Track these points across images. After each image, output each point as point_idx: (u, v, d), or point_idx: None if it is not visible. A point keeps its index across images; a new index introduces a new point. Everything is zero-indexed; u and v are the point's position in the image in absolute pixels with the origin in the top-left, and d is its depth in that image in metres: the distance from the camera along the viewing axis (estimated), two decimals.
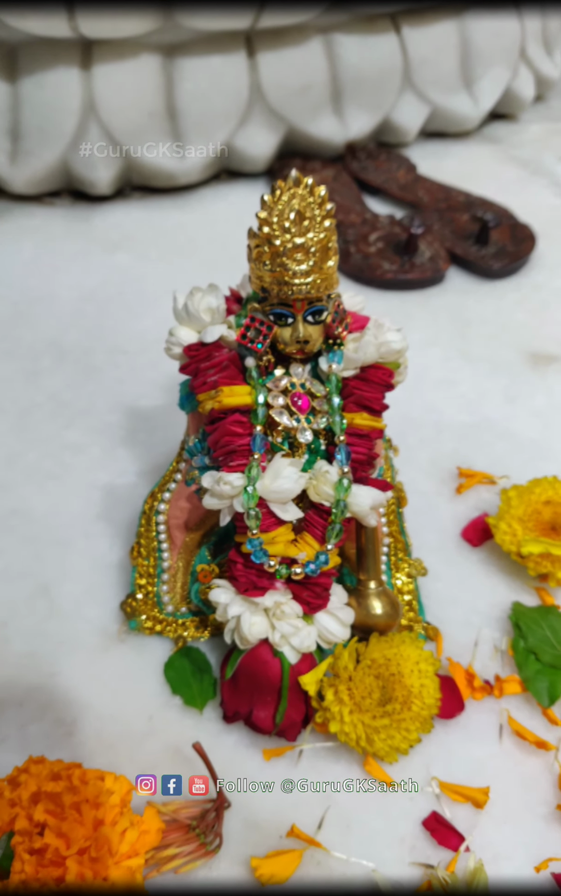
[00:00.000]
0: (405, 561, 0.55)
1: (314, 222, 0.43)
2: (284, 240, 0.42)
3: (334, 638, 0.47)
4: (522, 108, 1.13)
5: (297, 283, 0.43)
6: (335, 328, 0.46)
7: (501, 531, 0.58)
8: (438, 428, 0.68)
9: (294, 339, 0.45)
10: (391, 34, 0.97)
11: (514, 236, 0.87)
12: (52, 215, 0.89)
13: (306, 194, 0.42)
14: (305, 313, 0.44)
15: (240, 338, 0.45)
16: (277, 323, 0.45)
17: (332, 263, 0.44)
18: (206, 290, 0.47)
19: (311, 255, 0.43)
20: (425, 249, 0.83)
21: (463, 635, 0.54)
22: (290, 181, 0.42)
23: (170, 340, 0.47)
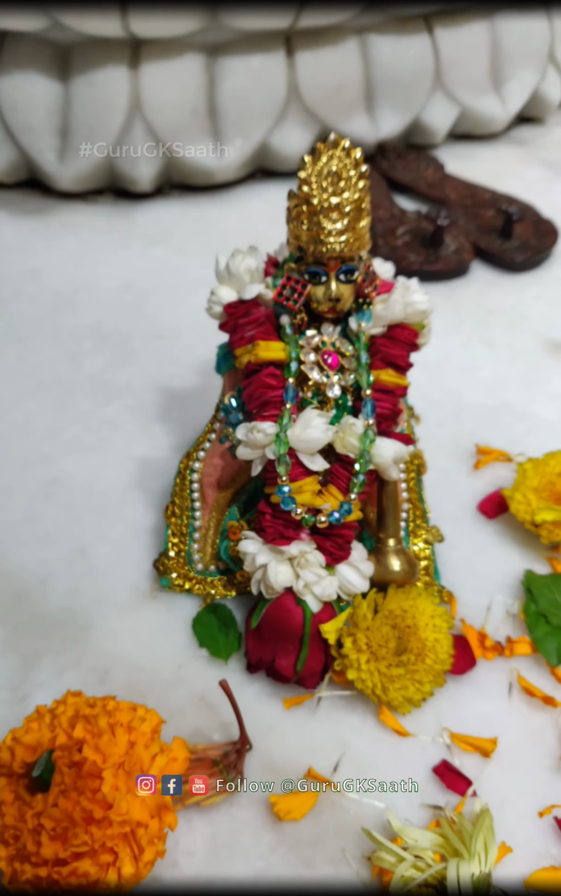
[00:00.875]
0: (423, 528, 0.58)
1: (350, 183, 0.46)
2: (322, 199, 0.45)
3: (354, 589, 0.50)
4: (549, 110, 1.15)
5: (331, 242, 0.46)
6: (365, 288, 0.49)
7: (516, 501, 0.60)
8: (459, 409, 0.71)
9: (327, 297, 0.48)
10: (424, 35, 1.01)
11: (537, 231, 0.90)
12: (95, 212, 0.94)
13: (343, 156, 0.46)
14: (338, 272, 0.47)
15: (276, 296, 0.48)
16: (312, 281, 0.48)
17: (364, 224, 0.47)
18: (246, 251, 0.50)
19: (345, 215, 0.46)
20: (451, 242, 0.86)
21: (477, 600, 0.57)
22: (329, 143, 0.45)
23: (211, 299, 0.50)
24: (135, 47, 0.87)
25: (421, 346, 0.53)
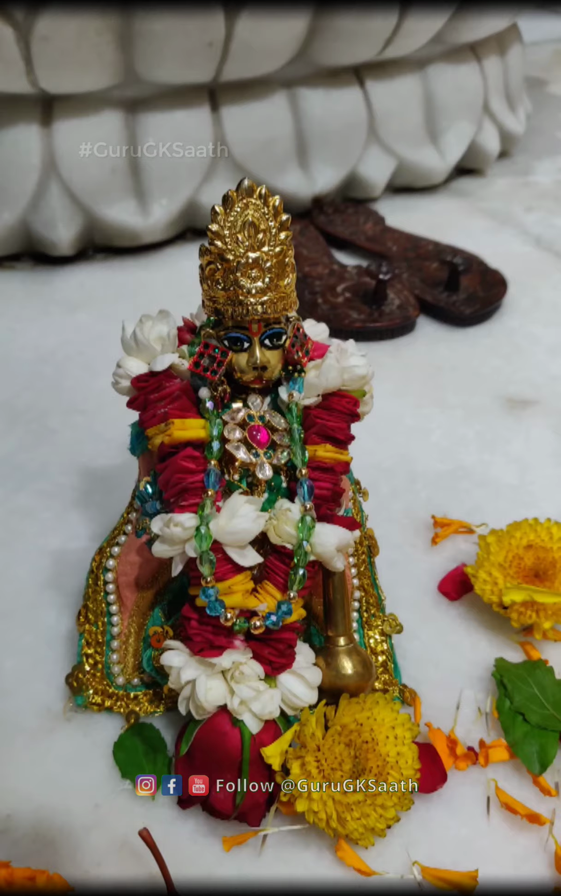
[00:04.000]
0: (378, 617, 0.51)
1: (269, 235, 0.40)
2: (238, 254, 0.40)
3: (300, 702, 0.43)
4: (489, 162, 1.13)
5: (252, 303, 0.41)
6: (295, 353, 0.43)
7: (480, 580, 0.54)
8: (412, 477, 0.65)
9: (251, 366, 0.42)
10: (355, 88, 0.98)
11: (484, 282, 0.86)
12: (11, 279, 0.88)
13: (260, 204, 0.40)
14: (262, 336, 0.42)
15: (192, 366, 0.42)
16: (233, 348, 0.42)
17: (289, 281, 0.42)
18: (156, 317, 0.44)
19: (266, 272, 0.40)
20: (394, 297, 0.81)
21: (443, 698, 0.50)
22: (242, 191, 0.40)
23: (117, 373, 0.44)
24: (47, 104, 0.82)
25: (363, 416, 0.48)
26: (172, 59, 0.78)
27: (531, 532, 0.56)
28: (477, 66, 1.12)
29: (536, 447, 0.69)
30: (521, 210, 1.05)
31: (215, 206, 0.40)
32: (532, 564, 0.55)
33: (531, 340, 0.81)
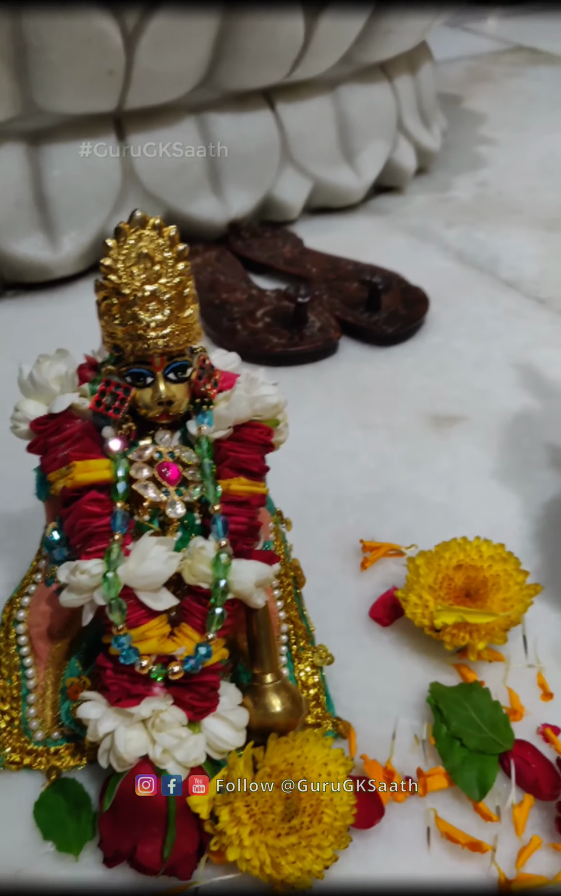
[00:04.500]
0: (308, 649, 0.50)
1: (166, 266, 0.39)
2: (134, 288, 0.39)
3: (226, 745, 0.42)
4: (406, 179, 1.14)
5: (152, 337, 0.40)
6: (202, 385, 0.43)
7: (411, 604, 0.53)
8: (339, 501, 0.64)
9: (155, 401, 0.41)
10: (266, 111, 0.98)
11: (405, 300, 0.86)
12: None
13: (155, 235, 0.39)
14: (166, 370, 0.41)
15: (94, 405, 0.41)
16: (136, 384, 0.41)
17: (190, 312, 0.41)
18: (54, 356, 0.43)
19: (165, 304, 0.39)
20: (315, 320, 0.81)
21: (379, 728, 0.49)
22: (135, 222, 0.39)
23: (14, 417, 0.43)
24: None
25: (278, 445, 0.47)
26: (72, 89, 0.76)
27: (460, 551, 0.56)
28: (388, 85, 1.13)
29: (464, 464, 0.69)
30: (441, 226, 1.06)
31: (107, 240, 0.39)
32: (463, 584, 0.54)
33: (455, 356, 0.81)
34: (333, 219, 1.06)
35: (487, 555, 0.55)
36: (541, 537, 0.62)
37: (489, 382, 0.78)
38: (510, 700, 0.51)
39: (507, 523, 0.63)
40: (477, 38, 1.80)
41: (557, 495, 0.66)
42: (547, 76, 1.58)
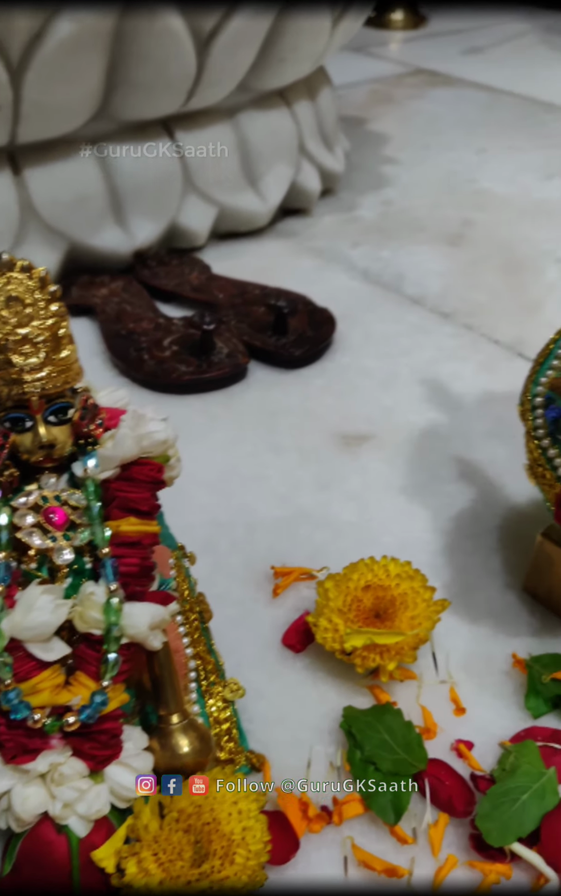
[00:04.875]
0: (218, 684, 0.50)
1: (38, 308, 0.39)
2: (5, 332, 0.38)
3: (131, 793, 0.41)
4: (312, 201, 1.16)
5: (28, 381, 0.39)
6: (85, 426, 0.42)
7: (321, 629, 0.53)
8: (251, 528, 0.64)
9: (36, 445, 0.40)
10: (165, 139, 0.99)
11: (312, 322, 0.87)
12: None
13: (24, 278, 0.39)
14: (46, 413, 0.40)
15: None
16: (15, 429, 0.40)
17: (68, 353, 0.41)
18: None
19: (39, 347, 0.39)
20: (223, 346, 0.81)
21: (293, 757, 0.49)
22: (2, 265, 0.39)
23: None
24: None
25: (171, 481, 0.46)
26: None
27: (368, 572, 0.56)
28: (288, 110, 1.14)
29: (373, 482, 0.69)
30: (347, 246, 1.07)
31: None
32: (372, 605, 0.54)
33: (363, 375, 0.82)
34: (240, 243, 1.07)
35: (394, 573, 0.55)
36: (450, 551, 0.63)
37: (397, 399, 0.78)
38: (424, 718, 0.51)
39: (417, 539, 0.64)
40: (379, 62, 1.83)
41: (465, 507, 0.66)
42: (446, 97, 1.62)
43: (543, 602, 0.59)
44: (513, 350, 0.86)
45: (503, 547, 0.63)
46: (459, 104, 1.59)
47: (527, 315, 0.92)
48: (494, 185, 1.25)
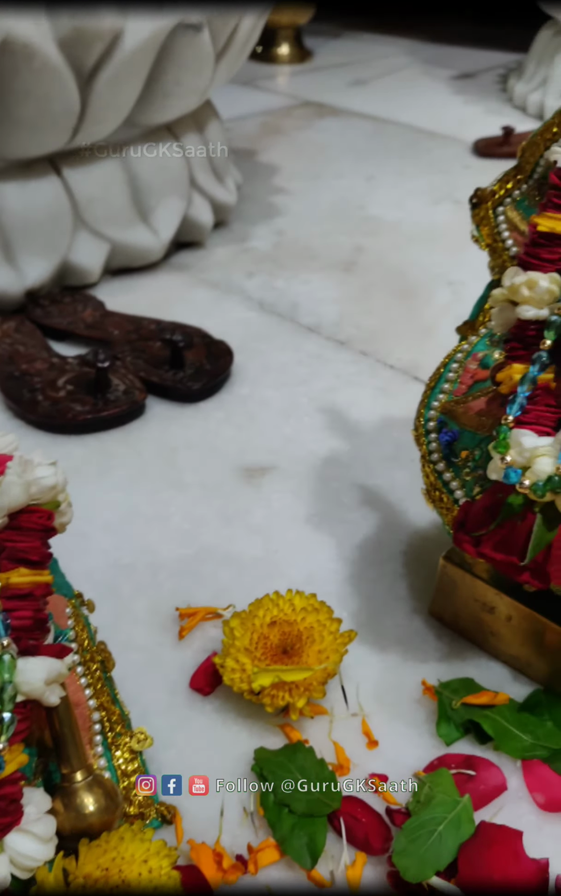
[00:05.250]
0: (125, 734, 0.48)
1: None
2: None
3: (33, 861, 0.39)
4: (205, 234, 1.16)
5: None
6: None
7: (228, 670, 0.52)
8: (154, 569, 0.63)
9: None
10: (53, 177, 0.98)
11: (210, 354, 0.86)
12: None
13: None
14: None
15: None
16: None
17: None
18: None
19: None
20: (119, 383, 0.80)
21: (206, 806, 0.47)
22: None
23: None
24: None
25: (63, 527, 0.45)
26: None
27: (274, 607, 0.55)
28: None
29: (277, 514, 0.69)
30: (242, 277, 1.08)
31: None
32: (279, 641, 0.54)
33: (263, 405, 0.82)
34: (134, 278, 1.06)
35: (299, 607, 0.55)
36: (356, 579, 0.63)
37: (297, 429, 0.79)
38: (336, 754, 0.50)
39: (322, 569, 0.63)
40: (268, 95, 1.86)
41: (369, 534, 0.67)
42: (333, 127, 1.65)
43: (450, 626, 0.59)
44: (408, 374, 0.88)
45: (408, 572, 0.63)
46: (347, 134, 1.63)
47: (421, 339, 0.94)
48: (384, 211, 1.28)
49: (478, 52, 2.24)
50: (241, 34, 1.11)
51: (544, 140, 0.55)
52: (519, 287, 0.48)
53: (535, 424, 0.48)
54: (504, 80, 1.97)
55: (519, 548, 0.47)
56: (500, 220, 0.58)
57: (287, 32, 2.13)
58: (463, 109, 1.79)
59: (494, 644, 0.58)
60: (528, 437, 0.47)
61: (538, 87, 1.73)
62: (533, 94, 1.73)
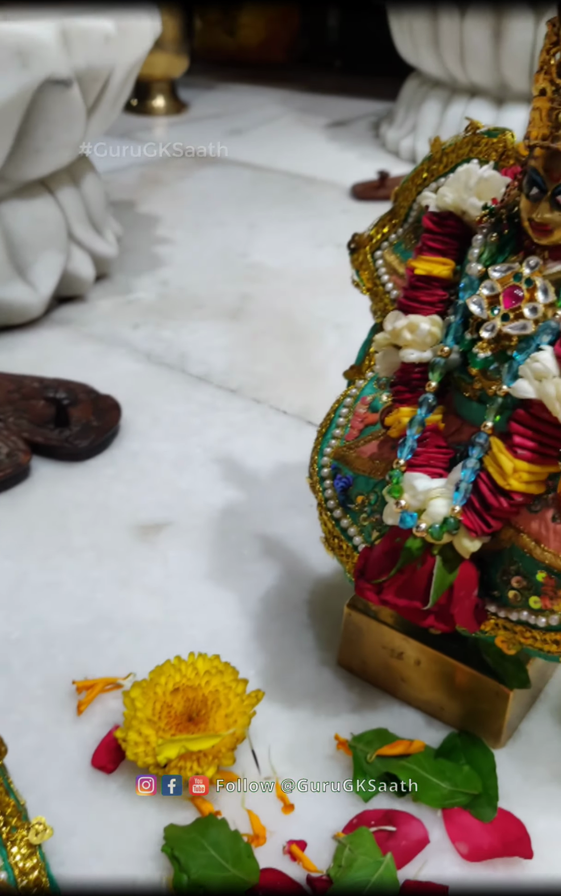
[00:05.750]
0: (21, 827, 0.45)
1: None
2: None
3: None
4: (86, 287, 1.14)
5: None
6: None
7: (131, 744, 0.49)
8: (47, 642, 0.59)
9: None
10: None
11: (97, 410, 0.84)
12: None
13: None
14: None
15: None
16: None
17: None
18: None
19: None
20: (2, 446, 0.77)
21: None
22: None
23: None
24: None
25: None
26: None
27: (176, 673, 0.53)
28: (52, 198, 1.13)
29: (176, 572, 0.66)
30: (128, 328, 1.06)
31: None
32: (183, 709, 0.51)
33: (155, 459, 0.80)
34: (15, 336, 1.03)
35: (202, 670, 0.53)
36: (261, 634, 0.61)
37: (192, 481, 0.77)
38: (251, 824, 0.48)
39: (226, 627, 0.61)
40: (147, 147, 1.87)
41: (272, 586, 0.65)
42: (212, 176, 1.67)
43: (359, 674, 0.58)
44: (302, 419, 0.87)
45: (314, 622, 0.62)
46: (227, 182, 1.64)
47: (312, 383, 0.94)
48: (268, 257, 1.29)
49: (349, 100, 2.32)
50: (112, 89, 1.11)
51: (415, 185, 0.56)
52: (401, 331, 0.49)
53: (426, 467, 0.48)
54: (376, 126, 2.04)
55: (421, 592, 0.47)
56: (379, 265, 0.58)
57: (162, 85, 2.16)
58: (339, 155, 1.84)
59: (405, 690, 0.57)
60: (421, 479, 0.47)
61: (409, 133, 1.80)
62: (404, 140, 1.80)
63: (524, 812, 0.50)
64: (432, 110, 1.75)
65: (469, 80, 1.65)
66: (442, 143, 0.55)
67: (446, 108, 1.73)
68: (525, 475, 0.44)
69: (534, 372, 0.44)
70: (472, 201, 0.48)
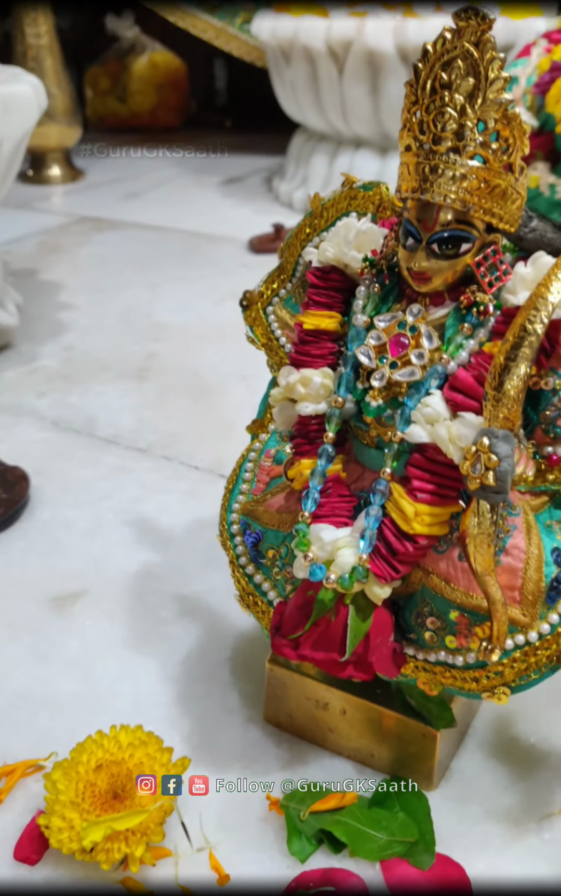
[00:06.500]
0: None
1: None
2: None
3: None
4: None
5: None
6: None
7: (54, 830, 0.47)
8: None
9: None
10: None
11: (5, 482, 0.82)
12: None
13: None
14: None
15: None
16: None
17: None
18: None
19: None
20: None
21: None
22: None
23: None
24: None
25: None
26: None
27: (98, 749, 0.51)
28: None
29: (94, 642, 0.65)
30: (33, 397, 1.05)
31: None
32: (108, 786, 0.49)
33: (67, 527, 0.79)
34: None
35: (125, 743, 0.51)
36: (185, 698, 0.60)
37: (105, 546, 0.76)
38: None
39: (149, 694, 0.60)
40: (44, 215, 1.88)
41: (193, 647, 0.64)
42: (112, 240, 1.69)
43: (287, 729, 0.57)
44: (214, 472, 0.87)
45: (237, 679, 0.61)
46: (127, 245, 1.66)
47: (222, 436, 0.94)
48: (171, 315, 1.30)
49: (242, 158, 2.38)
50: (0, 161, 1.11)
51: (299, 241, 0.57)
52: (294, 385, 0.49)
53: (331, 517, 0.48)
54: (269, 181, 2.10)
55: (338, 643, 0.46)
56: (271, 320, 0.59)
57: (56, 154, 2.18)
58: (235, 211, 1.88)
59: (334, 740, 0.56)
60: (326, 530, 0.47)
61: (300, 185, 1.86)
62: (297, 192, 1.85)
63: (463, 855, 0.49)
64: (321, 162, 1.81)
65: (352, 133, 1.72)
66: (321, 199, 0.56)
67: (334, 160, 1.79)
68: (427, 518, 0.45)
69: (425, 416, 0.45)
70: (352, 254, 0.50)
